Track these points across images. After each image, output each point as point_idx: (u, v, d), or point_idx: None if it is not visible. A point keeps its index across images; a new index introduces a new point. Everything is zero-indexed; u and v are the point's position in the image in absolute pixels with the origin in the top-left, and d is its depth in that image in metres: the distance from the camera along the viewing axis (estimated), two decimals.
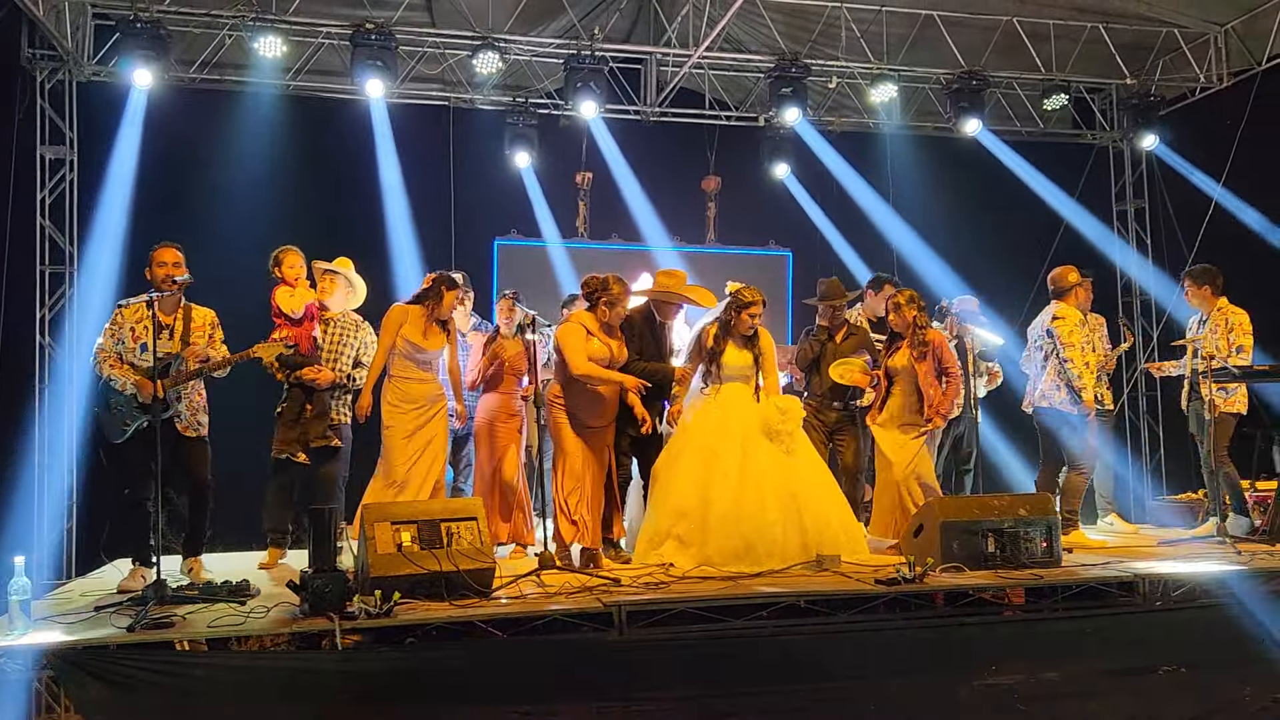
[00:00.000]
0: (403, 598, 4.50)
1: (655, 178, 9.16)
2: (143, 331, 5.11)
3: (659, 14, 8.75)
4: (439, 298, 5.77)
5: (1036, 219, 9.44)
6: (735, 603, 4.76)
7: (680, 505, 5.64)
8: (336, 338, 6.00)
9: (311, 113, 8.42)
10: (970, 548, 5.26)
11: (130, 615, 4.30)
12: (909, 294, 6.23)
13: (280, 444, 5.79)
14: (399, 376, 5.74)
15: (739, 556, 5.46)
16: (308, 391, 5.83)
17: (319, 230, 7.36)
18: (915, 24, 8.66)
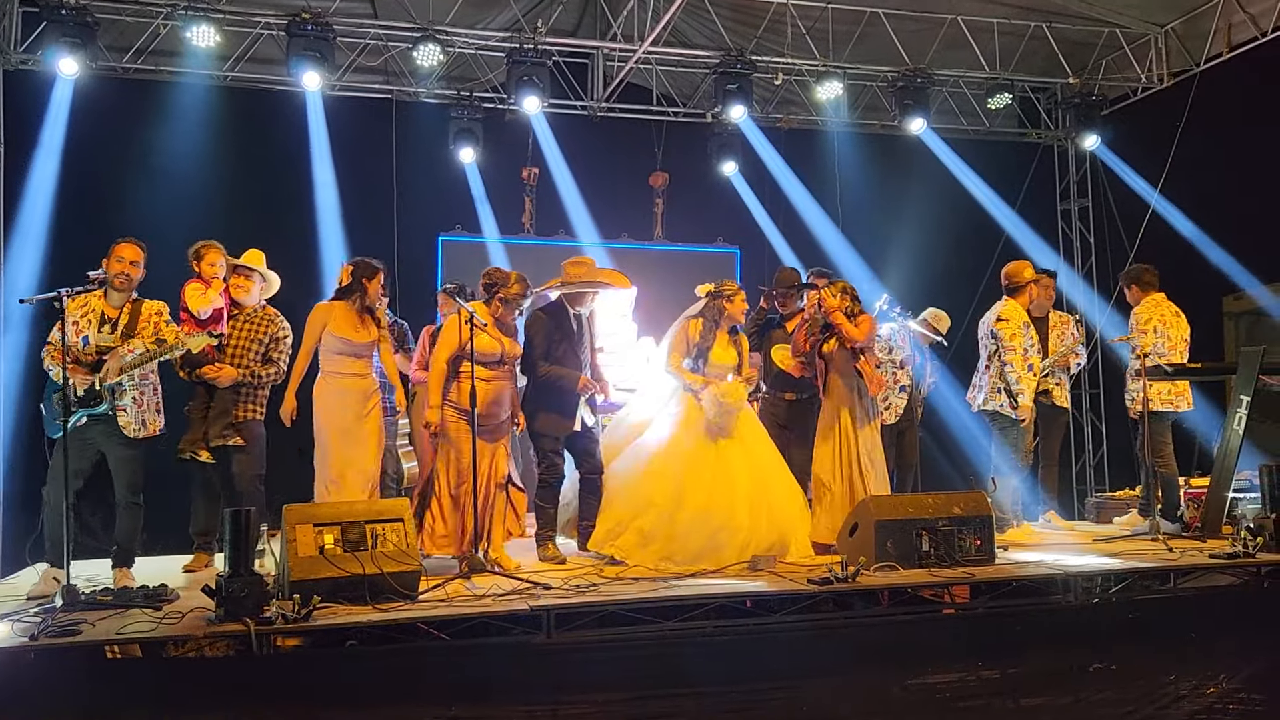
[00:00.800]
0: (324, 601, 4.40)
1: (602, 174, 9.09)
2: (86, 324, 4.99)
3: (604, 9, 8.68)
4: (362, 288, 5.67)
5: (982, 217, 9.49)
6: (665, 604, 4.71)
7: (649, 497, 5.57)
8: (244, 333, 5.79)
9: (249, 105, 8.25)
10: (904, 546, 5.25)
11: (36, 622, 4.15)
12: (841, 284, 6.23)
13: (185, 444, 5.63)
14: (331, 372, 5.61)
15: (703, 555, 5.42)
16: (210, 390, 5.67)
17: (253, 225, 7.18)
18: (861, 20, 8.65)
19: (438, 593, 4.79)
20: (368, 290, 5.68)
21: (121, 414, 5.05)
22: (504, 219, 9.00)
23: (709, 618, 4.75)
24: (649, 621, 4.66)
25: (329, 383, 5.62)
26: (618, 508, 5.68)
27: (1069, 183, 10.33)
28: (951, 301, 7.84)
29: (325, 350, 5.63)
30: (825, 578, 4.88)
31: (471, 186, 8.90)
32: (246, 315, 5.83)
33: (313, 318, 5.63)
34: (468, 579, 5.08)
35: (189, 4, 7.40)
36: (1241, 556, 5.44)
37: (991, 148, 9.80)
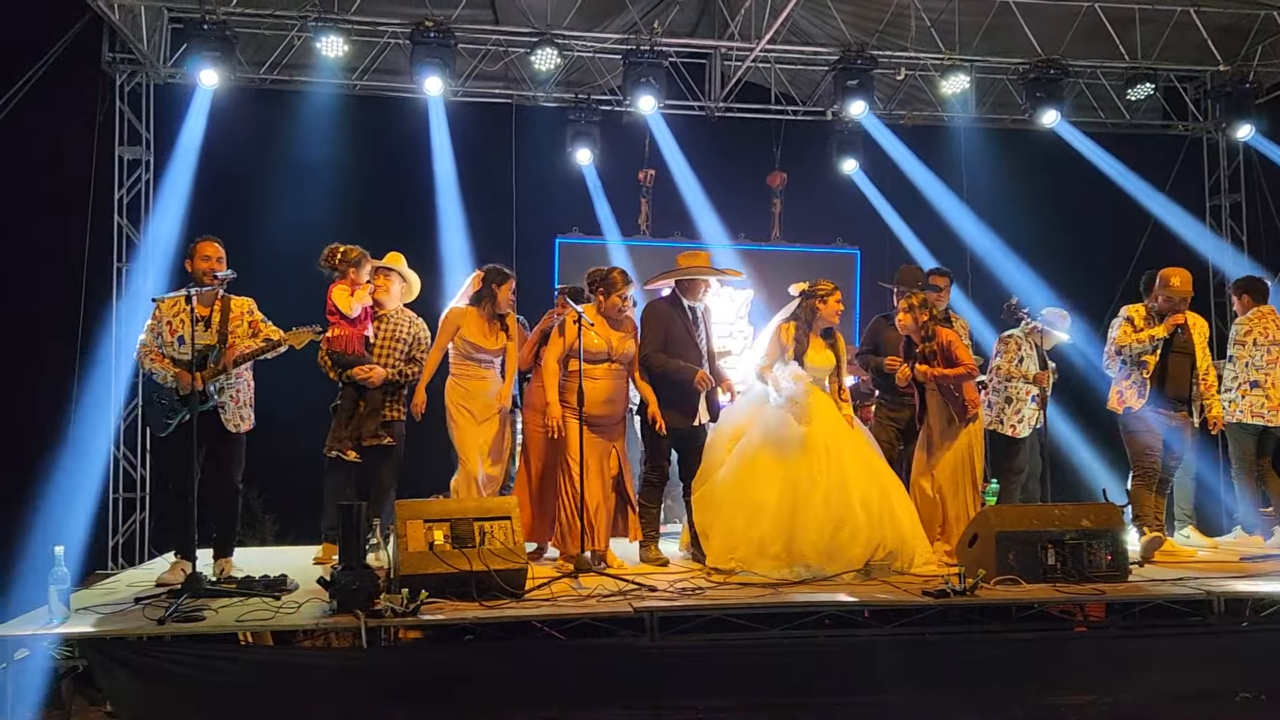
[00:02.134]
0: (431, 597, 4.47)
1: (719, 174, 9.00)
2: (179, 325, 5.17)
3: (722, 8, 8.60)
4: (492, 295, 5.79)
5: (1122, 215, 8.99)
6: (773, 611, 4.60)
7: (759, 503, 5.43)
8: (389, 334, 5.98)
9: (375, 112, 8.52)
10: (1028, 560, 4.98)
11: (165, 608, 4.35)
12: (920, 297, 5.96)
13: (332, 442, 5.81)
14: (460, 375, 5.81)
15: (829, 557, 5.23)
16: (359, 389, 5.85)
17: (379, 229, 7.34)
18: (990, 11, 8.30)
19: (543, 591, 4.80)
20: (498, 296, 5.77)
21: (221, 410, 5.23)
22: (621, 220, 9.02)
23: (819, 626, 4.61)
24: (755, 629, 4.56)
25: (456, 385, 5.80)
26: (729, 519, 5.52)
27: (1219, 177, 9.70)
28: (1088, 303, 7.46)
29: (455, 354, 5.81)
30: (942, 590, 4.68)
31: (588, 189, 8.96)
32: (389, 316, 6.01)
33: (447, 320, 5.82)
34: (574, 578, 5.08)
35: (320, 15, 7.67)
36: None
37: (1132, 141, 9.27)
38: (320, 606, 4.46)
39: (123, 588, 5.10)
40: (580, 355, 5.40)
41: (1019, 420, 6.55)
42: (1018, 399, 6.53)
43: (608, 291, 5.67)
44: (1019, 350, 6.51)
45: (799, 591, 4.89)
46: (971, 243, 8.92)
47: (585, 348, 5.42)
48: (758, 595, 4.78)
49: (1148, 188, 9.01)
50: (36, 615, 4.31)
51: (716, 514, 5.58)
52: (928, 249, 8.95)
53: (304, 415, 6.25)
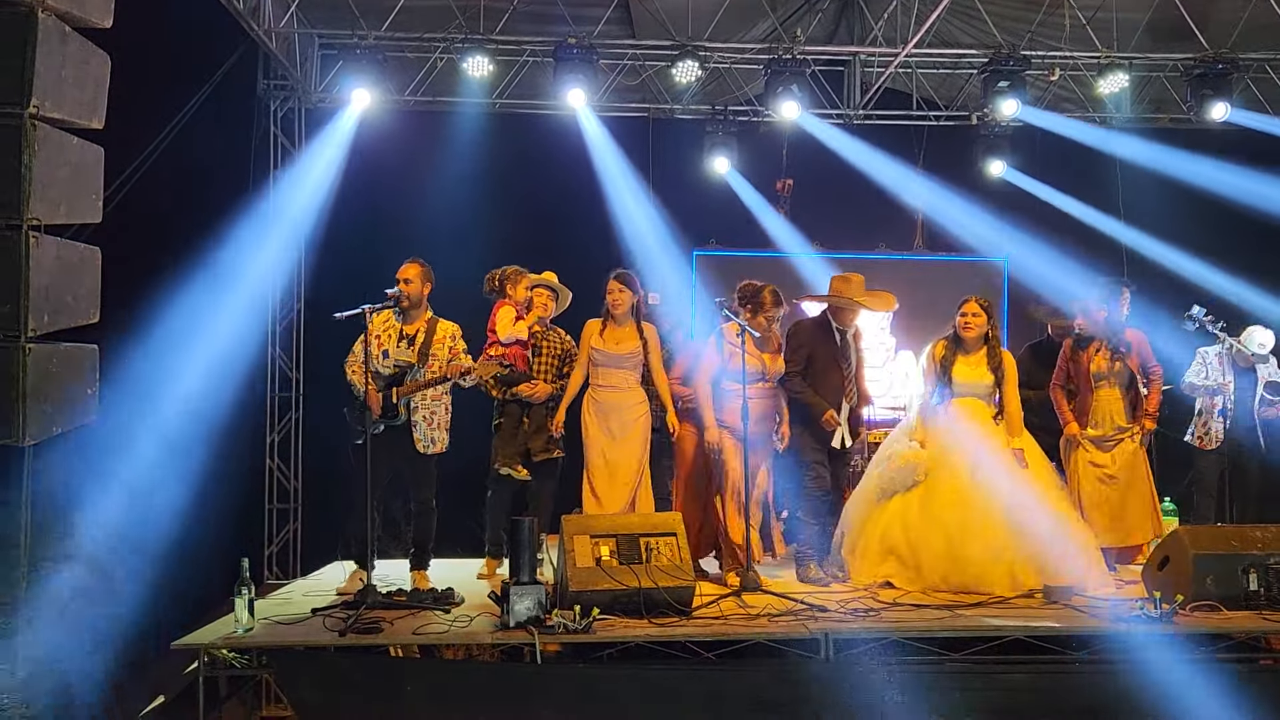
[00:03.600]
0: (601, 613, 4.43)
1: (859, 182, 8.79)
2: (386, 339, 5.34)
3: (864, 13, 8.43)
4: (606, 305, 5.69)
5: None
6: (953, 635, 4.41)
7: (899, 523, 5.33)
8: (547, 349, 6.03)
9: (515, 130, 8.60)
10: (1228, 585, 4.66)
11: (342, 619, 4.42)
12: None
13: (502, 459, 5.84)
14: (596, 385, 5.69)
15: (966, 581, 5.12)
16: (524, 406, 5.89)
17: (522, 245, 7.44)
18: (1150, 6, 7.91)
19: (711, 610, 4.72)
20: (607, 303, 5.67)
21: (413, 428, 5.32)
22: (758, 232, 8.90)
23: (999, 652, 4.41)
24: (933, 652, 4.39)
25: (592, 396, 5.71)
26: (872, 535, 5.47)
27: None
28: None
29: (592, 365, 5.72)
30: (1135, 615, 4.41)
31: (726, 200, 8.87)
32: (544, 332, 6.06)
33: (583, 335, 5.77)
34: (739, 597, 4.98)
35: (466, 35, 7.80)
36: None
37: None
38: (492, 621, 4.47)
39: (297, 597, 5.22)
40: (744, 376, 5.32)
41: (1206, 433, 6.25)
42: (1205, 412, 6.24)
43: (755, 310, 5.58)
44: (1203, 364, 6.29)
45: (977, 614, 4.68)
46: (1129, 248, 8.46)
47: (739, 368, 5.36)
48: (935, 619, 4.59)
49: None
50: (223, 624, 4.43)
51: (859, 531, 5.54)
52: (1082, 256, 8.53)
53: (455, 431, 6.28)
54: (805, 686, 4.27)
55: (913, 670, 4.30)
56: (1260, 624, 4.48)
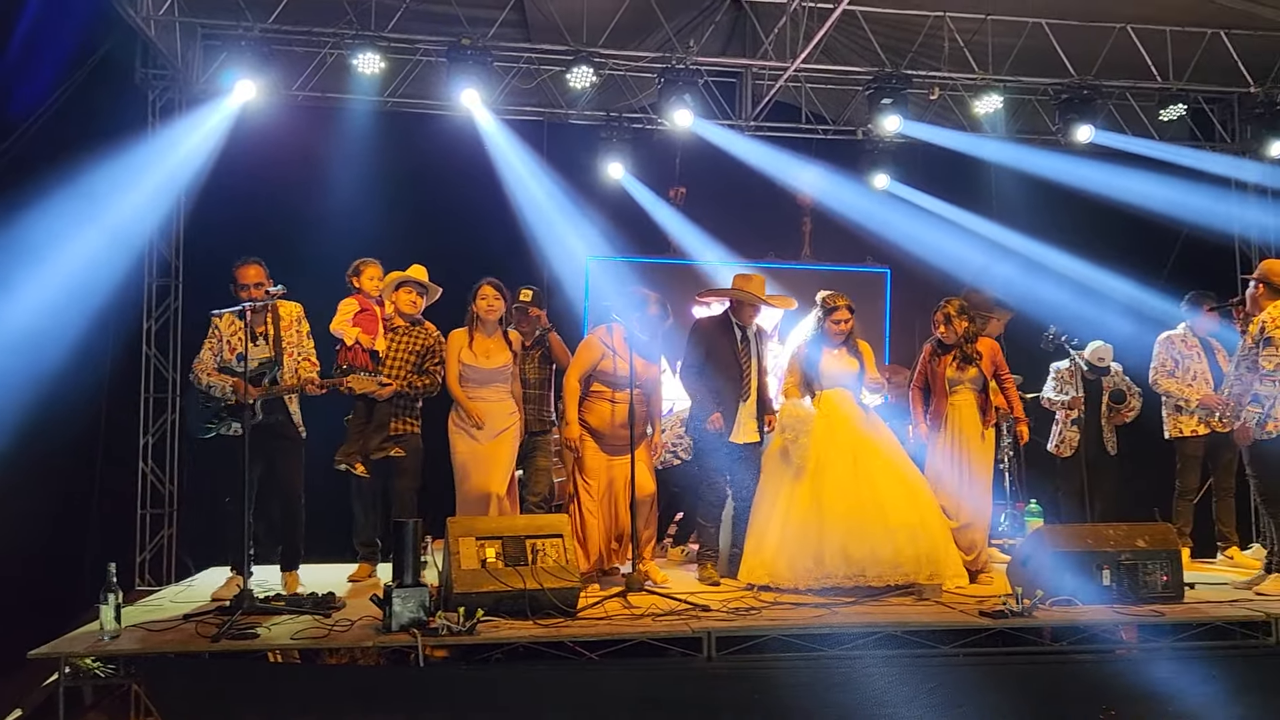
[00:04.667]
0: (486, 615, 4.43)
1: (749, 192, 8.98)
2: (238, 342, 5.18)
3: (755, 27, 8.61)
4: (473, 315, 5.73)
5: (1149, 236, 8.95)
6: (830, 632, 4.55)
7: (788, 519, 5.46)
8: (401, 346, 5.94)
9: (407, 129, 8.50)
10: (1084, 580, 4.93)
11: (217, 624, 4.30)
12: (958, 304, 5.97)
13: (341, 455, 5.78)
14: (466, 393, 5.68)
15: (858, 575, 5.27)
16: (370, 403, 5.80)
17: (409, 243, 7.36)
18: (1022, 32, 8.33)
19: (597, 610, 4.76)
20: (475, 312, 5.73)
21: (291, 416, 5.22)
22: (652, 238, 8.99)
23: (874, 647, 4.57)
24: (812, 649, 4.52)
25: (457, 409, 5.70)
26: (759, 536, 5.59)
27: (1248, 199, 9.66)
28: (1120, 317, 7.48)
29: (460, 378, 5.72)
30: (999, 610, 4.64)
31: (620, 207, 8.94)
32: (404, 329, 5.97)
33: (449, 344, 5.77)
34: (624, 598, 5.03)
35: (357, 32, 7.68)
36: None
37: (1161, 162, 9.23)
38: (373, 624, 4.41)
39: (168, 604, 5.05)
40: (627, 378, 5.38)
41: (1061, 441, 6.59)
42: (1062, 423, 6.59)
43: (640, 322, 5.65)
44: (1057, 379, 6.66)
45: (854, 612, 4.84)
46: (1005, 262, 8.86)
47: (606, 369, 5.44)
48: (813, 616, 4.73)
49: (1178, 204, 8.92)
50: (87, 632, 4.26)
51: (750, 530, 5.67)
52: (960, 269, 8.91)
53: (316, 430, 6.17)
54: (687, 685, 4.35)
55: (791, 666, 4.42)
56: (1112, 616, 4.75)
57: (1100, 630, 4.76)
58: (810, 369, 5.81)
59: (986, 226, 9.02)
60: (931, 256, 9.14)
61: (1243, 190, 9.56)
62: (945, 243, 9.09)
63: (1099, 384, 7.09)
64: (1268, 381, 5.36)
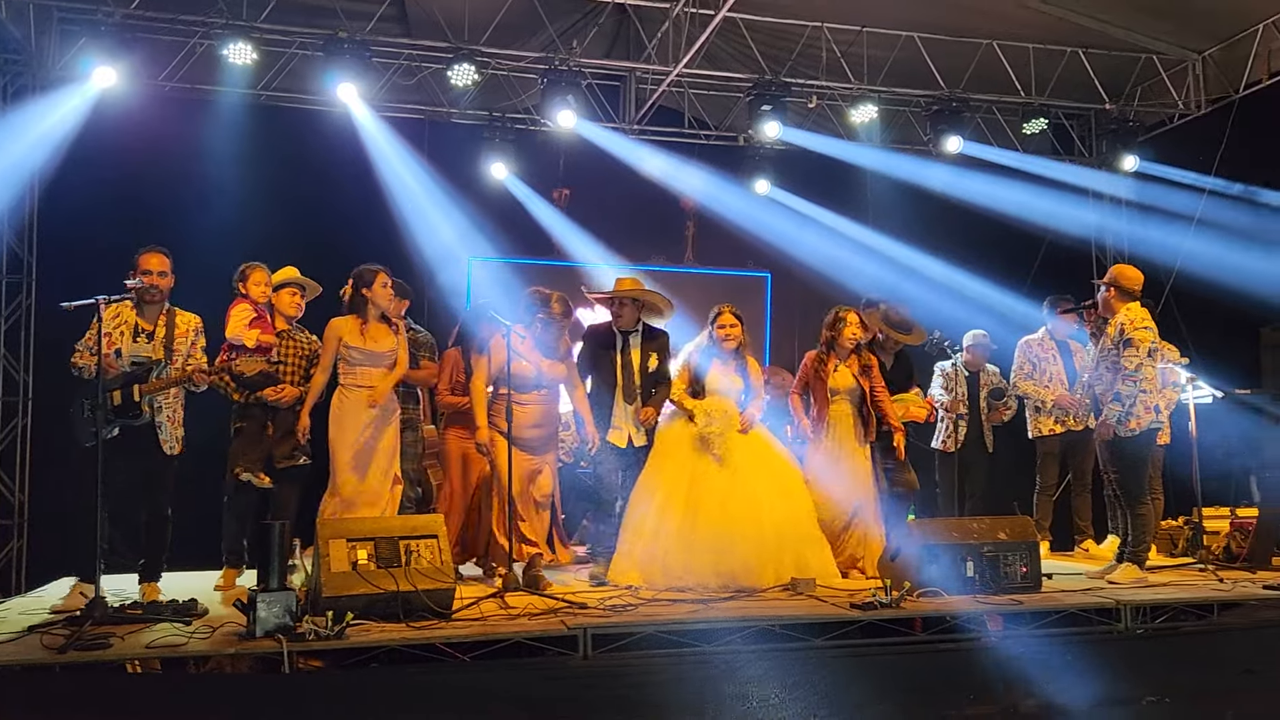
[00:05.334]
0: (357, 618, 4.31)
1: (633, 196, 9.02)
2: (119, 337, 4.93)
3: (639, 31, 8.67)
4: (362, 299, 5.50)
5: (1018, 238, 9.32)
6: (706, 627, 4.58)
7: (663, 522, 5.50)
8: (292, 351, 5.76)
9: (283, 123, 8.26)
10: (949, 572, 5.10)
11: (64, 635, 4.07)
12: (860, 313, 6.21)
13: (243, 465, 5.51)
14: (351, 385, 5.45)
15: (731, 576, 5.35)
16: (268, 410, 5.61)
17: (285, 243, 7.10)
18: (895, 45, 8.60)
19: (472, 611, 4.69)
20: (371, 298, 5.52)
21: (158, 430, 5.00)
22: (535, 240, 8.95)
23: (750, 642, 4.62)
24: (688, 645, 4.54)
25: (347, 395, 5.45)
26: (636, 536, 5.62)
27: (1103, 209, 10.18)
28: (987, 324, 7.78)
29: (344, 364, 5.48)
30: (869, 602, 4.76)
31: (502, 207, 8.86)
32: (290, 333, 5.78)
33: (327, 334, 5.51)
34: (501, 598, 4.97)
35: (227, 20, 7.42)
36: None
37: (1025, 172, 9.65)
38: (237, 631, 4.25)
39: (14, 616, 4.75)
40: None
41: (949, 436, 6.87)
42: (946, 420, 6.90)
43: (545, 322, 5.59)
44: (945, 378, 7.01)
45: (730, 607, 4.89)
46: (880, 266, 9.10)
47: (514, 372, 5.36)
48: (690, 612, 4.76)
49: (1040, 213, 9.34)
50: None
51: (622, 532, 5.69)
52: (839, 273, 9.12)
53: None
54: (562, 684, 4.32)
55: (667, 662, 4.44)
56: (975, 606, 4.92)
57: (965, 620, 4.92)
58: (698, 378, 5.85)
59: (863, 232, 9.27)
60: (811, 261, 9.35)
61: (1099, 200, 10.06)
62: (824, 248, 9.32)
63: (977, 381, 7.36)
64: (1128, 381, 5.64)
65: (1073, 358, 7.22)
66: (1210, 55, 8.98)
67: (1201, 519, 6.55)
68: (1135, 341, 5.66)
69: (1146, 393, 5.67)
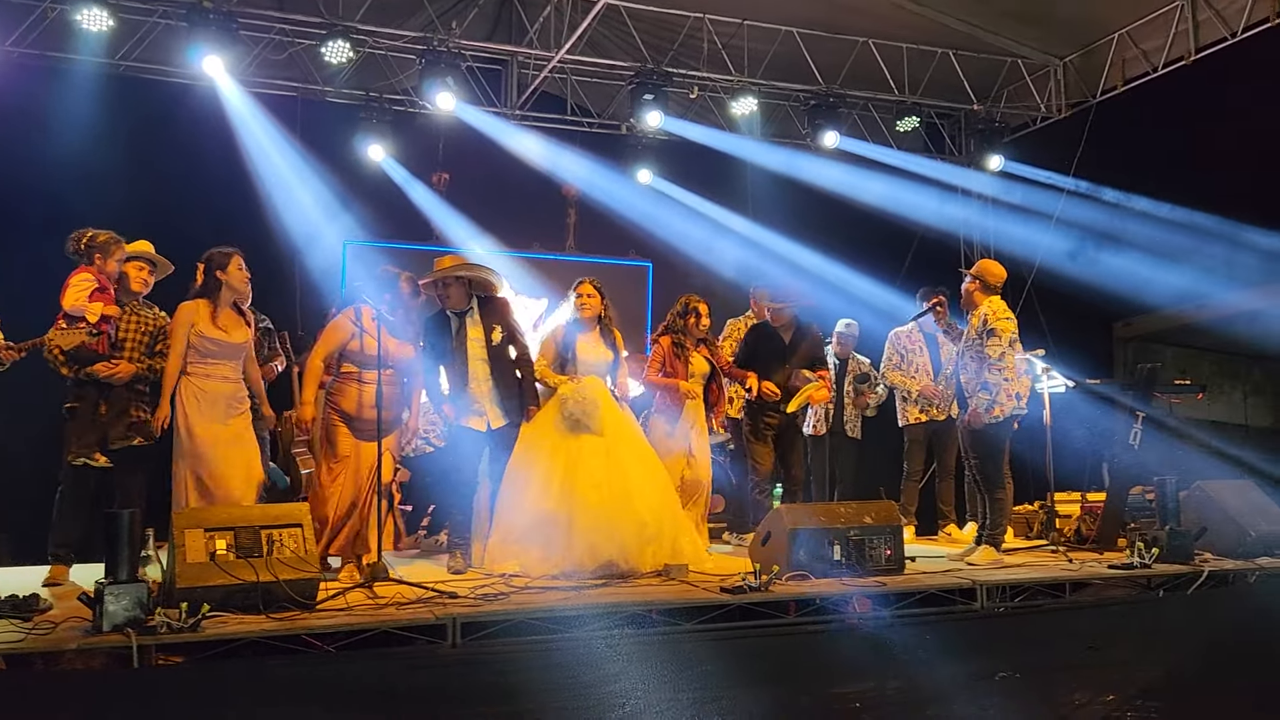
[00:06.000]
0: (214, 610, 4.14)
1: (514, 182, 8.93)
2: None
3: (520, 15, 8.58)
4: (216, 281, 5.27)
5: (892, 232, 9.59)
6: (576, 613, 4.57)
7: (536, 507, 5.45)
8: (134, 326, 5.44)
9: (143, 95, 7.88)
10: (817, 555, 5.22)
11: None
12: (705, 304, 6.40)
13: (77, 448, 5.18)
14: (201, 375, 5.21)
15: (606, 562, 5.34)
16: (102, 388, 5.28)
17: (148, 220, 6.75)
18: (775, 39, 8.74)
19: (338, 601, 4.57)
20: (226, 282, 5.28)
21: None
22: (413, 224, 8.77)
23: (620, 627, 4.63)
24: (559, 632, 4.53)
25: (196, 385, 5.20)
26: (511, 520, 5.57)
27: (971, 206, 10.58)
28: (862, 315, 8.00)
29: (194, 352, 5.21)
30: (739, 586, 4.82)
31: (379, 190, 8.66)
32: (134, 308, 5.49)
33: (178, 318, 5.22)
34: (369, 587, 4.86)
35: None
36: (1138, 568, 5.58)
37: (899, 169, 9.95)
38: (82, 626, 4.03)
39: None
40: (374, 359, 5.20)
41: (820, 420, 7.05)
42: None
43: (392, 301, 5.48)
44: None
45: (602, 594, 4.90)
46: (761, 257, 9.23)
47: (355, 349, 5.24)
48: (561, 599, 4.74)
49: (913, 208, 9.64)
50: None
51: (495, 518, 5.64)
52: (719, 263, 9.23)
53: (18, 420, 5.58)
54: (431, 673, 4.25)
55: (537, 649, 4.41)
56: (840, 588, 5.05)
57: (832, 602, 5.05)
58: (565, 351, 5.86)
59: (743, 223, 9.40)
60: (692, 251, 9.44)
61: (968, 197, 10.45)
62: (706, 238, 9.42)
63: (845, 369, 7.56)
64: (993, 370, 5.88)
65: (939, 350, 7.48)
66: (1071, 61, 9.42)
67: (1054, 503, 6.87)
68: (998, 332, 5.90)
69: (1009, 381, 5.92)
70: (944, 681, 5.00)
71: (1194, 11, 8.23)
